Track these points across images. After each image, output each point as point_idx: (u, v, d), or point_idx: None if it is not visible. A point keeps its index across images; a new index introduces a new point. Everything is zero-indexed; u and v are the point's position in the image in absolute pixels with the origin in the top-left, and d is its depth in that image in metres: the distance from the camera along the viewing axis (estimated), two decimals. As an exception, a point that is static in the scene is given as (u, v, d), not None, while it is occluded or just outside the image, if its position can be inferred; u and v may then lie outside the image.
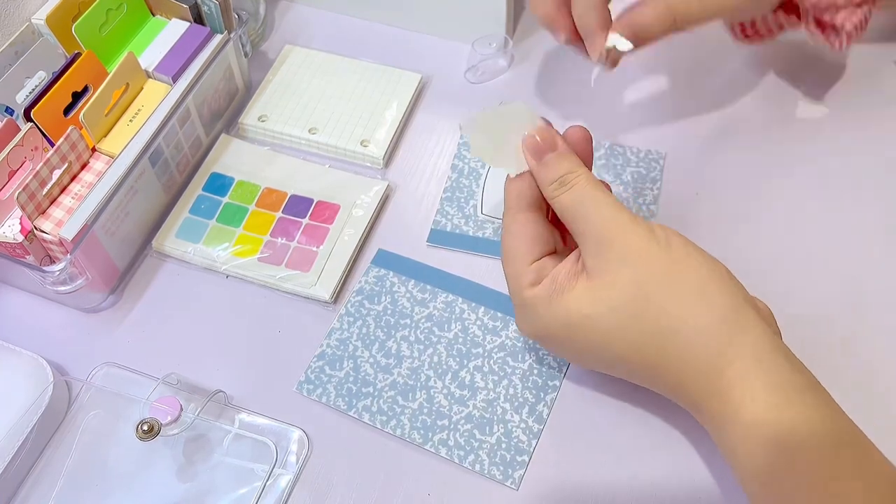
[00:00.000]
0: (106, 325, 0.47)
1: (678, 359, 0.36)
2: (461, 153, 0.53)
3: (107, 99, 0.47)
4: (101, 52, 0.50)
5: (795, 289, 0.46)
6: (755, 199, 0.50)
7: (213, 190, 0.52)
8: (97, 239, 0.45)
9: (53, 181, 0.45)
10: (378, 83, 0.56)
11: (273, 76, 0.57)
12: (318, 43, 0.60)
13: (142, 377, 0.44)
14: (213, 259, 0.48)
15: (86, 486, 0.41)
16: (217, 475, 0.41)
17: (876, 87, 0.54)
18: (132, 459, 0.42)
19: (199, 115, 0.52)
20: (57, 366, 0.44)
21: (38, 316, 0.48)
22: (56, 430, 0.43)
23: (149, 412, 0.42)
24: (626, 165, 0.52)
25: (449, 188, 0.52)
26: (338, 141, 0.53)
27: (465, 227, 0.50)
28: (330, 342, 0.45)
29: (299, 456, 0.42)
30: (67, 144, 0.45)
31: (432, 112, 0.56)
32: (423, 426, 0.42)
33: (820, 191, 0.50)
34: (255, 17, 0.60)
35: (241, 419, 0.43)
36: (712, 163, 0.52)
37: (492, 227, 0.49)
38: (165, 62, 0.50)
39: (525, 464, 0.41)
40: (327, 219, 0.50)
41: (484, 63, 0.57)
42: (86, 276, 0.44)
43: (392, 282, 0.48)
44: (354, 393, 0.43)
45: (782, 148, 0.52)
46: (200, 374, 0.44)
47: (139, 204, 0.48)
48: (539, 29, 0.60)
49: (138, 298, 0.48)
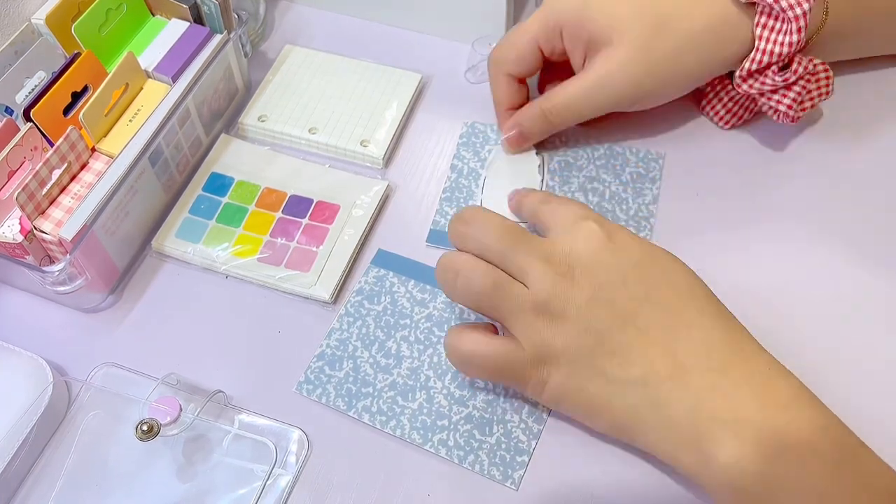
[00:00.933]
0: (105, 326, 0.47)
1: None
2: (460, 153, 0.53)
3: (106, 99, 0.47)
4: (100, 52, 0.50)
5: (796, 287, 0.46)
6: (755, 200, 0.50)
7: (212, 190, 0.52)
8: (97, 239, 0.45)
9: (53, 181, 0.45)
10: (378, 83, 0.56)
11: (273, 76, 0.57)
12: (318, 43, 0.60)
13: (141, 377, 0.44)
14: (213, 259, 0.48)
15: (85, 487, 0.41)
16: (217, 475, 0.41)
17: (877, 88, 0.54)
18: (132, 460, 0.42)
19: (199, 115, 0.52)
20: (56, 366, 0.44)
21: (37, 316, 0.48)
22: (56, 431, 0.43)
23: (148, 412, 0.42)
24: (625, 165, 0.52)
25: (448, 188, 0.52)
26: (338, 141, 0.53)
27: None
28: (330, 342, 0.45)
29: (299, 456, 0.42)
30: (67, 144, 0.45)
31: (432, 112, 0.56)
32: (422, 426, 0.42)
33: (820, 190, 0.50)
34: (255, 17, 0.60)
35: (240, 419, 0.43)
36: (712, 163, 0.52)
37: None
38: (165, 62, 0.50)
39: (525, 464, 0.41)
40: (327, 219, 0.50)
41: (483, 63, 0.57)
42: (85, 276, 0.44)
43: (392, 282, 0.47)
44: (354, 393, 0.43)
45: (782, 148, 0.52)
46: (200, 375, 0.44)
47: (139, 204, 0.48)
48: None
49: (138, 299, 0.48)
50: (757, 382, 0.35)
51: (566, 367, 0.37)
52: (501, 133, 0.52)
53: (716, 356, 0.35)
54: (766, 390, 0.34)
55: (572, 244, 0.39)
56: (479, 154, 0.53)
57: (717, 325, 0.37)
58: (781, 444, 0.32)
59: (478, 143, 0.54)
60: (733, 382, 0.35)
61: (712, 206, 0.50)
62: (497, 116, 0.52)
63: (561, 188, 0.51)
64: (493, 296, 0.39)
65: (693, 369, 0.35)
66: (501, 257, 0.39)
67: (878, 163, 0.51)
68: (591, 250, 0.38)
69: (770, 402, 0.34)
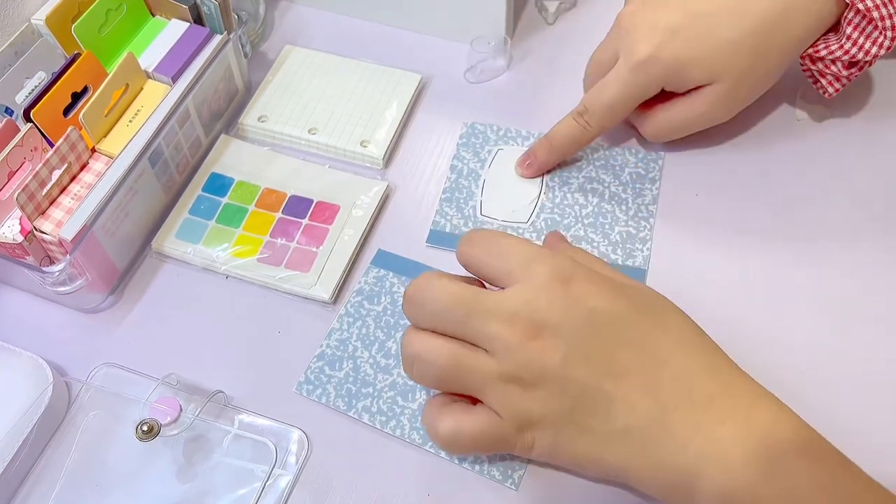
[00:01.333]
0: (106, 326, 0.47)
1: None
2: (460, 153, 0.53)
3: (106, 99, 0.47)
4: (100, 52, 0.50)
5: (795, 288, 0.46)
6: (755, 200, 0.50)
7: (212, 190, 0.52)
8: (97, 239, 0.45)
9: (53, 182, 0.45)
10: (378, 83, 0.56)
11: (273, 76, 0.57)
12: (318, 43, 0.60)
13: (141, 378, 0.44)
14: (213, 259, 0.48)
15: (86, 486, 0.41)
16: (217, 476, 0.41)
17: (878, 88, 0.54)
18: (132, 460, 0.42)
19: (199, 115, 0.52)
20: (56, 366, 0.44)
21: (37, 316, 0.48)
22: (56, 431, 0.43)
23: (148, 413, 0.42)
24: (624, 166, 0.52)
25: (448, 189, 0.52)
26: (338, 141, 0.53)
27: (464, 227, 0.50)
28: (329, 342, 0.45)
29: (299, 456, 0.42)
30: (67, 145, 0.45)
31: (432, 112, 0.56)
32: (422, 426, 0.42)
33: (821, 190, 0.50)
34: (255, 18, 0.60)
35: (240, 420, 0.43)
36: (712, 163, 0.52)
37: (492, 228, 0.49)
38: (165, 62, 0.50)
39: (524, 464, 0.41)
40: (327, 219, 0.50)
41: (483, 63, 0.57)
42: (85, 276, 0.45)
43: (392, 282, 0.48)
44: (354, 393, 0.43)
45: (782, 148, 0.52)
46: (200, 375, 0.44)
47: (139, 204, 0.48)
48: (538, 29, 0.61)
49: (138, 299, 0.48)
50: (740, 412, 0.34)
51: (550, 429, 0.36)
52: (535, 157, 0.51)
53: (697, 389, 0.35)
54: (749, 419, 0.34)
55: (534, 300, 0.35)
56: (478, 155, 0.53)
57: (694, 354, 0.36)
58: (769, 471, 0.32)
59: (477, 143, 0.54)
60: (717, 417, 0.34)
61: (712, 206, 0.50)
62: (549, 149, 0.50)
63: (560, 189, 0.51)
64: (456, 375, 0.36)
65: (676, 408, 0.34)
66: (459, 327, 0.36)
67: (879, 162, 0.51)
68: (555, 304, 0.35)
69: (754, 431, 0.33)
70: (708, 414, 0.34)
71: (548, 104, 0.55)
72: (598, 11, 0.61)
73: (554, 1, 0.60)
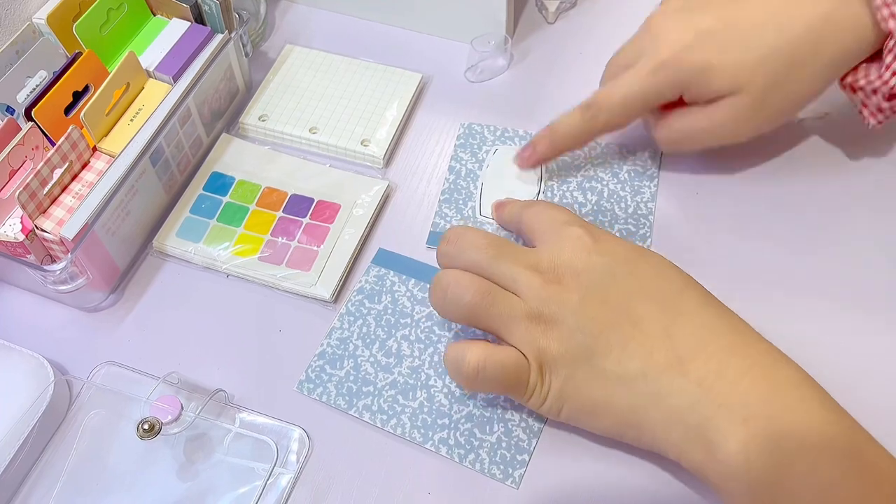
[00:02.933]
0: (107, 325, 0.47)
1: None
2: (458, 154, 0.53)
3: (108, 98, 0.48)
4: (101, 51, 0.50)
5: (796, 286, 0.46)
6: (755, 198, 0.50)
7: (213, 189, 0.52)
8: (98, 238, 0.45)
9: (54, 180, 0.45)
10: (378, 83, 0.56)
11: (273, 76, 0.57)
12: (319, 43, 0.60)
13: (142, 376, 0.44)
14: (214, 258, 0.48)
15: (87, 485, 0.41)
16: (217, 474, 0.41)
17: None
18: (133, 458, 0.42)
19: (200, 114, 0.52)
20: (57, 365, 0.44)
21: (38, 315, 0.48)
22: (57, 430, 0.43)
23: (149, 411, 0.42)
24: (622, 163, 0.52)
25: (447, 190, 0.52)
26: (338, 140, 0.54)
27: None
28: (330, 341, 0.45)
29: (300, 455, 0.42)
30: (68, 144, 0.45)
31: (433, 112, 0.56)
32: (423, 425, 0.42)
33: (821, 190, 0.50)
34: (256, 17, 0.60)
35: (241, 418, 0.43)
36: (712, 160, 0.52)
37: (491, 229, 0.49)
38: (166, 62, 0.51)
39: (525, 463, 0.41)
40: (328, 218, 0.50)
41: (483, 62, 0.57)
42: (86, 275, 0.45)
43: (392, 281, 0.48)
44: (355, 392, 0.43)
45: (783, 145, 0.52)
46: (201, 374, 0.44)
47: (140, 203, 0.48)
48: (538, 28, 0.61)
49: (139, 298, 0.48)
50: (761, 369, 0.34)
51: (565, 369, 0.37)
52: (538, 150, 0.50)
53: (717, 342, 0.35)
54: (771, 378, 0.34)
55: (559, 252, 0.39)
56: (476, 155, 0.53)
57: (715, 313, 0.36)
58: (790, 434, 0.32)
59: (475, 144, 0.54)
60: (737, 369, 0.34)
61: (711, 204, 0.50)
62: (551, 141, 0.49)
63: (559, 188, 0.51)
64: (485, 306, 0.39)
65: (694, 357, 0.35)
66: (489, 269, 0.39)
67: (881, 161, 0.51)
68: (578, 255, 0.38)
69: (776, 391, 0.33)
70: (728, 366, 0.34)
71: (548, 103, 0.55)
72: (599, 11, 0.61)
73: (554, 0, 0.60)
